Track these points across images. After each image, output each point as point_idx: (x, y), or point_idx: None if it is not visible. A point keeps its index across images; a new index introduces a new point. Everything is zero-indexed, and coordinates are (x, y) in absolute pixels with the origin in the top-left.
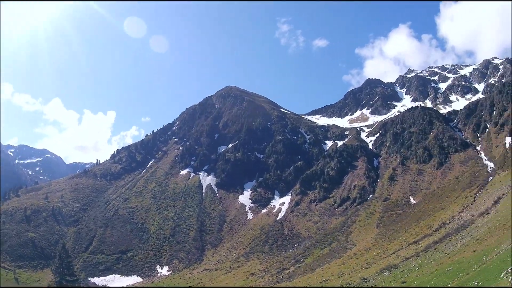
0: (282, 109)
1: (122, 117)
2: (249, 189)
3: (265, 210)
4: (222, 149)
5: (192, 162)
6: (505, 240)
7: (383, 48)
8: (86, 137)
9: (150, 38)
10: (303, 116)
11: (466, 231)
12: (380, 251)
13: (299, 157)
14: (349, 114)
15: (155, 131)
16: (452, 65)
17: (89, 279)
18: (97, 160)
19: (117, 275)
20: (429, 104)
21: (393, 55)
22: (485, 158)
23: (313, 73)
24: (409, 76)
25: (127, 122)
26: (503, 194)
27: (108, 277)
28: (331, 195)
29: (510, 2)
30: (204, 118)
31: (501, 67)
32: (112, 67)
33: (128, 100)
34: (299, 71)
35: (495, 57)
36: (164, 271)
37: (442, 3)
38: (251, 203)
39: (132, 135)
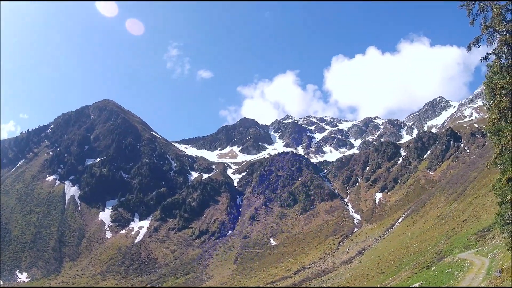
0: (153, 133)
1: (3, 109)
2: (110, 207)
3: (124, 231)
4: (89, 161)
5: (59, 170)
6: None
7: (265, 90)
8: None
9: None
10: (173, 143)
11: (327, 277)
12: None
13: (163, 183)
14: (219, 149)
15: (29, 130)
16: (332, 118)
17: None
18: None
19: None
20: (301, 151)
21: (274, 99)
22: (352, 210)
23: (191, 103)
24: (285, 121)
25: (6, 115)
26: (368, 246)
27: None
28: (190, 226)
29: (398, 70)
30: (78, 127)
31: (381, 127)
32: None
33: (11, 93)
34: (178, 98)
35: (378, 117)
36: (23, 277)
37: (335, 57)
38: (111, 221)
39: (8, 130)
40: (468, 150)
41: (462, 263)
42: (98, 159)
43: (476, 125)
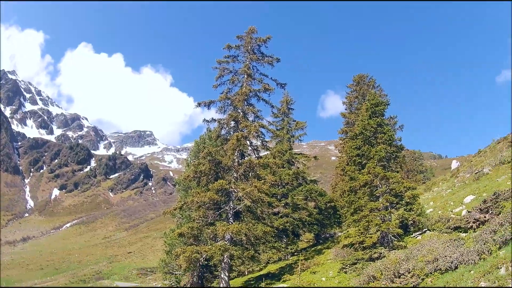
0: None
1: None
2: None
3: None
4: None
5: None
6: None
7: (14, 36)
8: None
9: None
10: None
11: None
12: None
13: None
14: None
15: None
16: (48, 97)
17: None
18: None
19: None
20: (8, 112)
21: (15, 49)
22: (29, 194)
23: None
24: (10, 76)
25: None
26: (34, 237)
27: None
28: None
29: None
30: None
31: (85, 129)
32: None
33: None
34: None
35: (86, 118)
36: None
37: (84, 43)
38: None
39: None
40: (154, 191)
41: None
42: None
43: (171, 173)
